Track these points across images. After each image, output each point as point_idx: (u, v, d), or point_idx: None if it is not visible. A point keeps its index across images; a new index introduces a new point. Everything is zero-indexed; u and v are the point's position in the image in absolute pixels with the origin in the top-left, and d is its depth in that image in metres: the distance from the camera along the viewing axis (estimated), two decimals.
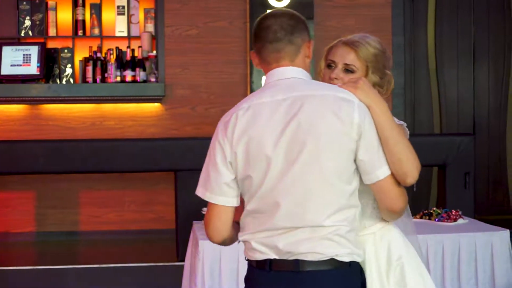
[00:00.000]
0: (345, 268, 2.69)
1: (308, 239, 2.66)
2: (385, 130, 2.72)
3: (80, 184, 7.36)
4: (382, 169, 2.70)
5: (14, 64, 7.15)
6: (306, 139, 2.64)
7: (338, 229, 2.67)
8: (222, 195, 2.72)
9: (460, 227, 5.08)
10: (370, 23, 7.62)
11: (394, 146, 2.71)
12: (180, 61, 7.44)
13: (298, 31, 2.85)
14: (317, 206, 2.66)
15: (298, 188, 2.66)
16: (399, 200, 2.76)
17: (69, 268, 5.99)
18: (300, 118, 2.65)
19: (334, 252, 2.67)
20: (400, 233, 2.93)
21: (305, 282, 2.68)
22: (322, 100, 2.69)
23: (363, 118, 2.68)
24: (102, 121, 7.41)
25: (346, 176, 2.69)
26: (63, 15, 7.43)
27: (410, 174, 2.72)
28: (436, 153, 6.59)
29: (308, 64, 2.89)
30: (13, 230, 7.31)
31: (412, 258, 2.90)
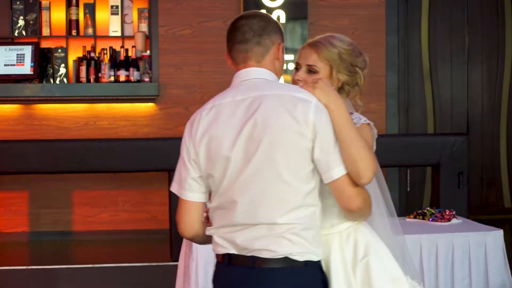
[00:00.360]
0: (299, 267, 2.73)
1: (264, 236, 2.72)
2: (341, 130, 2.72)
3: (73, 184, 7.34)
4: (337, 168, 2.71)
5: (8, 64, 7.13)
6: (261, 138, 2.70)
7: (293, 228, 2.71)
8: (191, 191, 2.82)
9: (453, 227, 5.08)
10: (364, 23, 7.62)
11: (349, 147, 2.71)
12: (174, 61, 7.44)
13: (268, 32, 2.89)
14: (271, 204, 2.72)
15: (253, 186, 2.72)
16: (355, 200, 2.74)
17: (63, 268, 5.98)
18: (257, 118, 2.71)
19: (287, 251, 2.72)
20: (370, 232, 2.93)
21: (259, 278, 2.74)
22: (279, 99, 2.73)
23: (319, 117, 2.71)
24: (95, 121, 7.40)
25: (302, 175, 2.72)
26: (57, 14, 7.42)
27: (364, 174, 2.71)
28: (430, 153, 6.60)
29: (278, 65, 2.93)
30: (6, 230, 7.30)
31: (381, 257, 2.89)
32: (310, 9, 7.52)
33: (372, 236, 2.92)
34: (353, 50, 3.06)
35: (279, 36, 2.91)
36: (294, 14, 7.41)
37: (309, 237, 2.74)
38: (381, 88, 7.63)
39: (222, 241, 2.81)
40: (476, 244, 4.86)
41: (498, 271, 4.88)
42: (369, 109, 7.50)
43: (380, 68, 7.60)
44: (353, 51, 3.06)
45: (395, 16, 7.69)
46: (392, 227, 3.08)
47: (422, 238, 4.82)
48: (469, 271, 4.85)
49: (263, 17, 2.93)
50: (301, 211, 2.73)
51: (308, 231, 2.74)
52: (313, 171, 2.73)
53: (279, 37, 2.92)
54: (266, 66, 2.89)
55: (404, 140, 6.86)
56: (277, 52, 2.90)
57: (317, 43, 3.06)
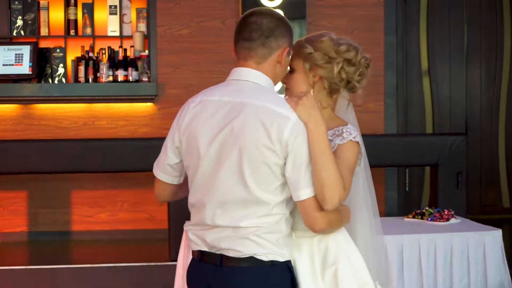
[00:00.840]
0: (266, 266, 2.78)
1: (229, 237, 2.79)
2: (315, 151, 2.70)
3: (72, 183, 7.34)
4: (305, 190, 2.71)
5: (6, 64, 7.13)
6: (234, 146, 2.74)
7: (257, 230, 2.76)
8: (166, 173, 3.11)
9: (452, 227, 5.09)
10: (362, 23, 7.62)
11: (320, 170, 2.69)
12: (172, 60, 7.44)
13: (275, 35, 2.87)
14: (236, 211, 2.78)
15: (221, 192, 2.78)
16: (318, 223, 2.74)
17: (61, 268, 5.98)
18: (233, 125, 2.75)
19: (252, 251, 2.77)
20: (344, 238, 2.90)
21: (226, 276, 2.81)
22: (258, 111, 2.74)
23: (294, 136, 2.70)
24: (94, 121, 7.40)
25: (270, 189, 2.75)
26: (55, 14, 7.41)
27: (329, 201, 2.69)
28: (429, 153, 6.60)
29: (279, 69, 2.91)
30: (4, 230, 7.29)
31: (352, 264, 2.87)
32: (309, 9, 7.52)
33: (346, 241, 2.90)
34: (329, 41, 2.96)
35: (286, 39, 2.89)
36: (292, 14, 7.40)
37: (273, 240, 2.78)
38: (379, 88, 7.62)
39: (195, 238, 2.92)
40: (475, 243, 4.87)
41: (496, 270, 4.88)
42: (367, 109, 7.50)
43: (379, 68, 7.60)
44: (329, 42, 2.96)
45: (393, 16, 7.68)
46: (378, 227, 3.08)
47: (421, 238, 4.82)
48: (467, 270, 4.85)
49: (275, 17, 2.90)
50: (266, 218, 2.77)
51: (271, 234, 2.78)
52: (283, 185, 2.75)
53: (287, 40, 2.89)
54: (265, 69, 2.88)
55: (402, 140, 6.86)
56: (280, 56, 2.88)
57: (296, 42, 3.01)
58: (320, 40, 2.95)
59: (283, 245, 2.81)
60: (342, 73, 2.94)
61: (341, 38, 2.99)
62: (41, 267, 5.97)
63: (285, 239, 2.82)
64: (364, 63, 3.02)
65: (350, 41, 2.99)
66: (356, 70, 2.98)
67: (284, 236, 2.81)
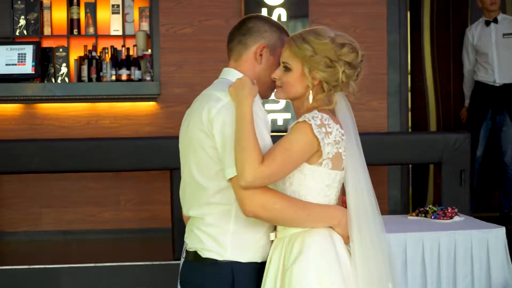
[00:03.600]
0: (206, 264, 2.79)
1: (187, 227, 2.92)
2: (236, 130, 2.70)
3: (75, 183, 7.34)
4: (230, 169, 2.70)
5: (9, 64, 7.13)
6: (186, 135, 2.87)
7: (200, 222, 2.80)
8: None
9: (456, 225, 5.08)
10: (365, 21, 7.62)
11: (235, 148, 2.68)
12: (175, 59, 7.43)
13: (252, 32, 2.91)
14: (187, 198, 2.87)
15: (182, 180, 2.92)
16: (244, 204, 2.69)
17: (65, 267, 5.98)
18: (190, 117, 2.89)
19: (196, 246, 2.83)
20: (313, 239, 2.78)
21: (183, 269, 2.92)
22: (204, 99, 2.85)
23: (221, 117, 2.73)
24: (97, 120, 7.40)
25: (211, 173, 2.77)
26: (58, 14, 7.42)
27: (240, 177, 2.65)
28: (432, 151, 6.59)
29: (260, 69, 2.92)
30: (8, 230, 7.30)
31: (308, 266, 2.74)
32: (311, 7, 7.52)
33: (314, 242, 2.77)
34: (331, 43, 2.83)
35: (265, 37, 2.90)
36: (295, 12, 7.40)
37: (214, 235, 2.78)
38: (382, 86, 7.62)
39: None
40: (478, 241, 4.87)
41: (500, 268, 4.88)
42: (370, 107, 7.50)
43: (382, 66, 7.59)
44: (331, 44, 2.82)
45: (396, 13, 7.67)
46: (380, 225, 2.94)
47: (424, 236, 4.82)
48: (471, 268, 4.85)
49: (258, 18, 2.96)
50: (209, 208, 2.78)
51: (215, 228, 2.78)
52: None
53: (265, 38, 2.90)
54: (241, 66, 2.92)
55: (406, 138, 6.86)
56: (256, 53, 2.90)
57: (291, 39, 2.90)
58: (321, 42, 2.82)
59: (228, 244, 2.78)
60: (343, 76, 2.83)
61: (340, 36, 2.86)
62: (44, 267, 5.97)
63: (233, 237, 2.79)
64: (362, 64, 2.89)
65: (348, 38, 2.88)
66: (355, 71, 2.86)
67: (232, 233, 2.78)
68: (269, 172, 2.65)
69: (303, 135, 2.72)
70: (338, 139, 2.77)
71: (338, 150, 2.78)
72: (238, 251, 2.79)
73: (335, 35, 2.86)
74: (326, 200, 2.82)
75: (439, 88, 8.01)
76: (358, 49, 2.85)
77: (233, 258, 2.79)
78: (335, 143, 2.76)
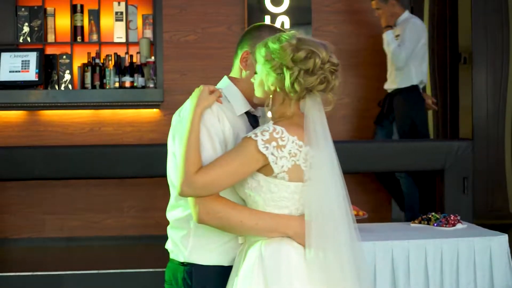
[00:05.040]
0: (176, 265, 2.95)
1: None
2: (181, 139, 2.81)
3: (78, 190, 7.35)
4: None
5: (13, 70, 7.15)
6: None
7: (171, 226, 2.99)
8: None
9: (458, 232, 5.08)
10: (367, 29, 7.63)
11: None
12: (179, 66, 7.45)
13: (243, 40, 2.96)
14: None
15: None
16: (193, 211, 2.79)
17: (68, 274, 5.98)
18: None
19: (167, 246, 3.05)
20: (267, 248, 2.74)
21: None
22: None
23: (177, 122, 2.91)
24: (100, 127, 7.41)
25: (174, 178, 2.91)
26: (62, 21, 7.44)
27: (177, 187, 2.79)
28: (435, 158, 6.59)
29: (246, 75, 2.94)
30: (11, 236, 7.31)
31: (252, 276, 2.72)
32: (314, 14, 7.53)
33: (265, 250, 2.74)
34: (288, 48, 2.70)
35: (250, 43, 2.92)
36: (298, 19, 7.42)
37: (179, 237, 2.91)
38: (384, 93, 7.63)
39: None
40: (481, 249, 4.86)
41: (503, 276, 4.87)
42: (373, 115, 7.50)
43: (384, 73, 7.60)
44: (287, 50, 2.70)
45: None
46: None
47: (427, 243, 4.81)
48: (474, 276, 4.84)
49: (257, 26, 3.00)
50: (176, 212, 2.94)
51: (176, 231, 2.93)
52: None
53: (250, 44, 2.92)
54: (233, 73, 3.01)
55: (408, 145, 6.86)
56: (241, 59, 2.94)
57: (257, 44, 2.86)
58: (278, 47, 2.72)
59: (189, 246, 2.89)
60: (296, 84, 2.69)
61: (305, 41, 2.73)
62: (48, 273, 5.97)
63: (194, 240, 2.87)
64: (329, 68, 2.72)
65: (314, 44, 2.73)
66: (317, 79, 2.70)
67: (193, 236, 2.88)
68: (202, 183, 2.68)
69: (244, 151, 2.69)
70: (294, 152, 2.70)
71: (295, 162, 2.71)
72: (198, 254, 2.88)
73: (299, 41, 2.72)
74: (286, 211, 2.76)
75: (442, 95, 8.02)
76: (319, 54, 2.69)
77: (193, 261, 2.89)
78: (291, 155, 2.70)
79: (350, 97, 7.55)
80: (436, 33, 8.08)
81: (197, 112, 2.78)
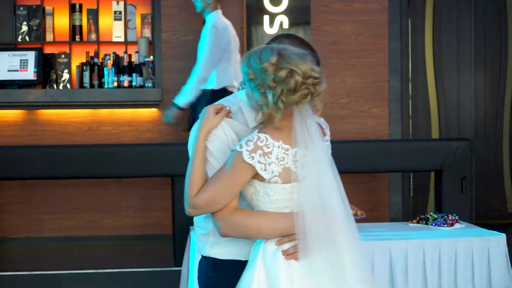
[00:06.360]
0: (202, 257, 3.00)
1: None
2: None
3: (76, 189, 7.35)
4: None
5: (11, 69, 7.15)
6: None
7: (194, 225, 3.03)
8: None
9: (457, 232, 5.08)
10: (366, 29, 7.63)
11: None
12: (177, 66, 7.44)
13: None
14: None
15: None
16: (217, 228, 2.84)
17: (66, 273, 5.99)
18: None
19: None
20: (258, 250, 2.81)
21: None
22: None
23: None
24: (98, 126, 7.41)
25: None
26: (60, 20, 7.44)
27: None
28: (433, 158, 6.59)
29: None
30: (10, 235, 7.30)
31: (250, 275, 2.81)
32: (313, 14, 7.53)
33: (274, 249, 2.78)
34: (269, 69, 2.71)
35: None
36: (297, 19, 7.42)
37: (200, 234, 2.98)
38: (384, 93, 7.63)
39: None
40: (479, 249, 4.86)
41: (501, 276, 4.88)
42: (372, 115, 7.51)
43: (383, 73, 7.61)
44: (268, 70, 2.71)
45: (397, 21, 7.69)
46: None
47: (425, 243, 4.82)
48: (472, 276, 4.85)
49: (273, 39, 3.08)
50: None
51: (198, 230, 2.98)
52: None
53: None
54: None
55: (407, 145, 6.86)
56: None
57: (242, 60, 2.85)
58: (259, 68, 2.72)
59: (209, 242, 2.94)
60: (280, 102, 2.69)
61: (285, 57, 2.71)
62: (46, 273, 5.98)
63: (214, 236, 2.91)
64: (312, 82, 2.71)
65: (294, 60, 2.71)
66: (300, 95, 2.70)
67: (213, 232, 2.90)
68: (203, 203, 2.76)
69: (233, 164, 2.73)
70: (281, 156, 2.72)
71: (285, 166, 2.72)
72: (216, 249, 2.92)
73: (280, 58, 2.71)
74: (287, 211, 2.79)
75: (442, 95, 8.02)
76: (299, 73, 2.68)
77: (213, 255, 2.93)
78: (279, 160, 2.71)
79: (349, 97, 7.55)
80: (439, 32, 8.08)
81: (201, 135, 2.83)
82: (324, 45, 7.48)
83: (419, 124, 7.97)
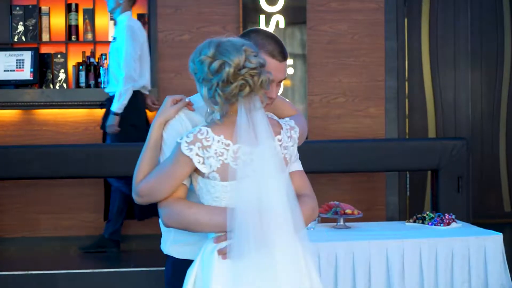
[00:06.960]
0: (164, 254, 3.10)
1: None
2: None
3: (73, 189, 7.34)
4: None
5: (7, 69, 7.15)
6: None
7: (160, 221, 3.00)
8: None
9: (453, 231, 5.09)
10: (362, 28, 7.63)
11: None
12: (173, 66, 7.44)
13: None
14: None
15: None
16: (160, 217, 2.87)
17: (62, 273, 5.97)
18: None
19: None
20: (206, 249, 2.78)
21: None
22: None
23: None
24: (95, 126, 7.39)
25: None
26: (56, 20, 7.43)
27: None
28: (429, 157, 6.59)
29: None
30: (6, 235, 7.30)
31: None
32: (309, 14, 7.54)
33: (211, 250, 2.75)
34: (205, 61, 2.71)
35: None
36: (293, 19, 7.42)
37: (163, 231, 3.09)
38: (380, 92, 7.63)
39: None
40: (476, 248, 4.87)
41: (497, 275, 4.88)
42: (368, 114, 7.51)
43: (379, 72, 7.61)
44: (204, 62, 2.72)
45: (394, 20, 7.70)
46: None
47: (422, 243, 4.82)
48: (468, 275, 4.85)
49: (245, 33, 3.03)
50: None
51: (163, 226, 3.01)
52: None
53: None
54: None
55: (403, 144, 6.86)
56: None
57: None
58: (196, 61, 2.76)
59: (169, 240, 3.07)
60: (216, 96, 2.69)
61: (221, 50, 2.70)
62: (42, 273, 5.97)
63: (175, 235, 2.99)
64: (248, 73, 2.66)
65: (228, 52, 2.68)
66: (236, 86, 2.66)
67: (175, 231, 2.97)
68: (145, 191, 2.83)
69: (174, 155, 2.73)
70: (221, 151, 2.68)
71: (224, 161, 2.68)
72: (175, 247, 3.00)
73: (216, 51, 2.69)
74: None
75: (439, 95, 8.02)
76: (231, 64, 2.66)
77: (171, 253, 3.03)
78: (218, 155, 2.67)
79: (345, 96, 7.56)
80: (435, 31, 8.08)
81: (155, 124, 2.87)
82: (320, 44, 7.49)
83: (415, 123, 7.98)
